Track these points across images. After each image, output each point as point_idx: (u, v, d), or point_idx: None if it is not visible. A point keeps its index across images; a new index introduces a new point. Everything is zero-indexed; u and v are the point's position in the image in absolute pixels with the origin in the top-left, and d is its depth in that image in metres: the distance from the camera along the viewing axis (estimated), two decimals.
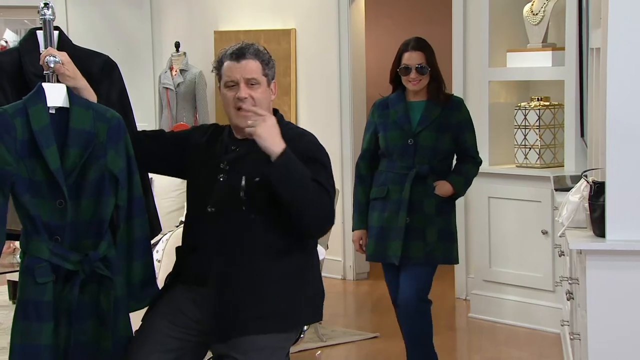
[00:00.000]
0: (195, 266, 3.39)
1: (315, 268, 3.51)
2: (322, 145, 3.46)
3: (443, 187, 4.91)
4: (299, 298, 3.41)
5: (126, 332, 3.25)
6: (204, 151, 3.46)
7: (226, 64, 3.40)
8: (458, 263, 5.20)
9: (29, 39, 3.42)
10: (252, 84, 3.37)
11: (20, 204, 3.10)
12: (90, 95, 3.33)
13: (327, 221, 3.38)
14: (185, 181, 6.18)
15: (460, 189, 4.99)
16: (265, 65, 3.40)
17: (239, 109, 3.36)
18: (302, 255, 3.43)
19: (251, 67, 3.37)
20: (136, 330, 3.42)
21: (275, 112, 3.47)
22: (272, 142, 3.23)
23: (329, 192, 3.35)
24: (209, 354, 3.51)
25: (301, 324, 3.49)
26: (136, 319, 3.45)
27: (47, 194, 3.10)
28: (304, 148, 3.36)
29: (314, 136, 3.48)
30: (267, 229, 3.33)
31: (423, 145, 4.90)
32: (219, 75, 3.45)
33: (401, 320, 4.98)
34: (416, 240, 4.88)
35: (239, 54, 3.38)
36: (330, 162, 3.45)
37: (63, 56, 3.24)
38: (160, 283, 3.66)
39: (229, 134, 3.47)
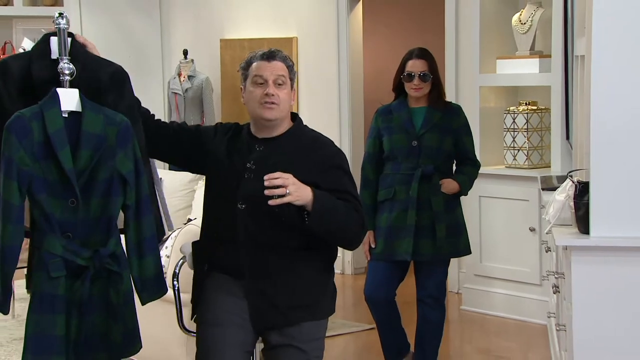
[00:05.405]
0: (229, 259, 3.48)
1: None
2: (341, 150, 3.60)
3: (450, 185, 4.99)
4: (328, 289, 3.58)
5: (132, 323, 3.29)
6: (227, 149, 3.56)
7: (255, 64, 3.53)
8: (470, 253, 5.25)
9: (41, 44, 3.33)
10: (280, 84, 3.50)
11: (35, 202, 3.13)
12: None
13: (362, 233, 3.51)
14: (192, 181, 6.31)
15: (465, 187, 5.07)
16: (290, 70, 3.55)
17: (265, 103, 3.49)
18: (328, 248, 3.58)
19: (280, 67, 3.52)
20: (202, 332, 3.51)
21: (295, 116, 3.64)
22: (305, 195, 3.32)
23: (356, 203, 3.46)
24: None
25: (329, 314, 3.59)
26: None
27: (60, 193, 3.14)
28: (326, 155, 3.50)
29: (332, 142, 3.60)
30: (296, 224, 3.40)
31: (427, 146, 4.98)
32: (245, 75, 3.57)
33: (420, 312, 5.12)
34: (425, 237, 4.95)
35: (269, 55, 3.52)
36: (349, 165, 3.57)
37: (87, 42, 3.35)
38: (169, 278, 3.77)
39: (248, 132, 3.58)
